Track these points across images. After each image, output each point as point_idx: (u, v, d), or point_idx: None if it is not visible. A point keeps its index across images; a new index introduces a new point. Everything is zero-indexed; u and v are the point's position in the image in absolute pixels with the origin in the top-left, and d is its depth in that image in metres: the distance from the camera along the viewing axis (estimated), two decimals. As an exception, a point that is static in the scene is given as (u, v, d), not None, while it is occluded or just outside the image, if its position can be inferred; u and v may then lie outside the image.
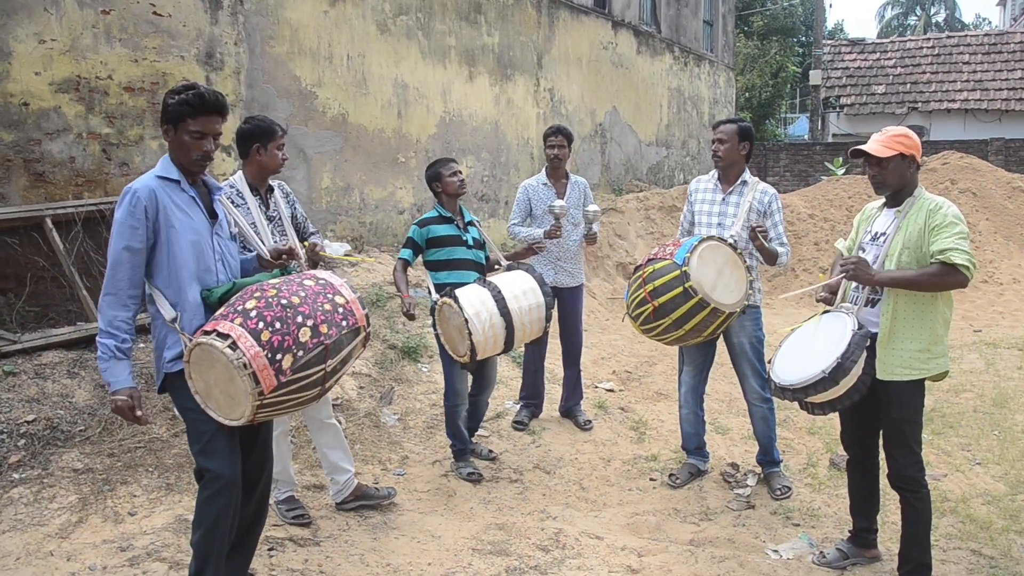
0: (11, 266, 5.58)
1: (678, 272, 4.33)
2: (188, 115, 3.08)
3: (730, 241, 4.60)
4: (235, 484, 3.14)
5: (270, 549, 3.97)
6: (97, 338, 3.01)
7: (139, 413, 3.01)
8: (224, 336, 2.83)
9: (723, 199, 4.92)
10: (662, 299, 4.37)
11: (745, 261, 4.61)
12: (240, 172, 4.27)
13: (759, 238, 4.57)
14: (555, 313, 6.01)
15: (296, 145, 7.82)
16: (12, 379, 4.91)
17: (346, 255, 7.94)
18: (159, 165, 3.16)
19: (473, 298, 4.57)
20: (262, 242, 4.05)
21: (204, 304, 3.11)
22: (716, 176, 5.01)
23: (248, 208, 4.15)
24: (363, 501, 4.52)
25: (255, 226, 4.13)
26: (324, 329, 2.96)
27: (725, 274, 4.46)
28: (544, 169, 5.99)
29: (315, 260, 4.32)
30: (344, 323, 3.05)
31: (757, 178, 5.01)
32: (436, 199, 5.12)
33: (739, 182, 4.91)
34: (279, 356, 2.85)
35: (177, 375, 3.07)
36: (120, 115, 6.35)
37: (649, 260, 4.56)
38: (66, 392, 4.97)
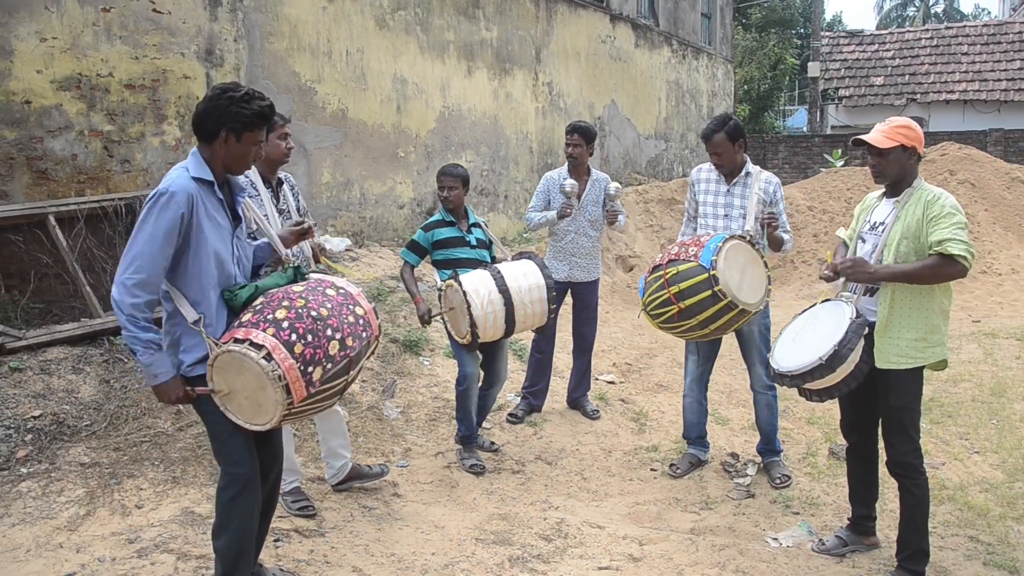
0: (15, 263, 5.62)
1: (706, 276, 4.24)
2: (258, 126, 3.05)
3: (748, 237, 4.58)
4: (256, 481, 3.19)
5: (276, 540, 4.01)
6: (136, 333, 2.92)
7: (189, 390, 3.04)
8: (258, 346, 2.86)
9: (727, 190, 4.93)
10: (688, 302, 4.29)
11: (763, 256, 4.59)
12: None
13: (772, 225, 4.63)
14: (569, 303, 6.08)
15: (296, 140, 7.82)
16: (18, 375, 4.95)
17: (347, 250, 7.98)
18: (192, 164, 3.05)
19: (473, 278, 4.74)
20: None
21: (227, 306, 3.10)
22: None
23: (261, 199, 4.22)
24: (358, 481, 4.63)
25: (267, 218, 4.19)
26: (350, 342, 3.04)
27: (748, 273, 4.42)
28: (567, 165, 5.99)
29: (317, 258, 4.42)
30: (364, 334, 3.13)
31: (759, 167, 5.02)
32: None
33: (743, 173, 4.92)
34: (311, 369, 2.92)
35: (196, 378, 3.06)
36: (121, 112, 6.38)
37: (671, 261, 4.44)
38: (71, 388, 5.01)
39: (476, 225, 5.23)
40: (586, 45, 12.83)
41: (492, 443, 5.46)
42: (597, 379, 6.77)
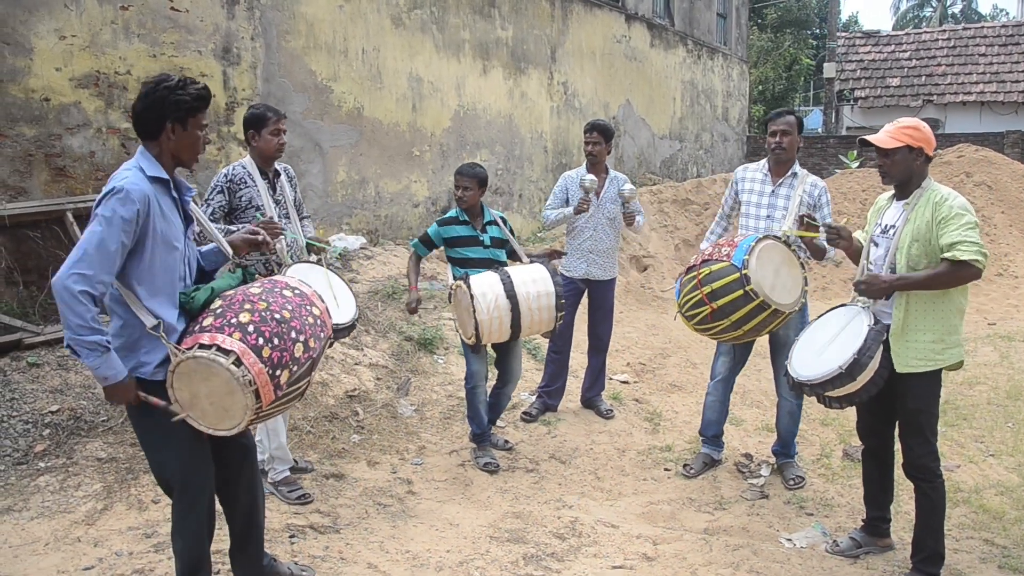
0: (33, 259, 5.67)
1: (737, 275, 4.21)
2: (200, 110, 3.00)
3: (784, 237, 4.52)
4: (211, 488, 3.17)
5: (291, 536, 4.04)
6: (80, 336, 2.73)
7: (140, 393, 2.90)
8: (226, 352, 2.84)
9: (772, 191, 4.88)
10: (721, 302, 4.26)
11: (800, 257, 4.53)
12: (249, 156, 4.49)
13: (810, 225, 4.33)
14: (585, 303, 6.09)
15: (312, 139, 7.89)
16: (36, 370, 5.00)
17: (361, 248, 8.01)
18: (144, 163, 2.95)
19: (482, 281, 4.76)
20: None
21: (183, 309, 3.00)
22: (766, 167, 4.96)
23: (258, 189, 4.36)
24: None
25: (262, 208, 4.34)
26: (312, 344, 3.06)
27: (782, 273, 4.36)
28: (585, 163, 6.01)
29: (313, 250, 4.53)
30: (322, 334, 3.15)
31: (806, 170, 4.96)
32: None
33: (789, 174, 4.87)
34: (278, 372, 2.92)
35: (155, 383, 2.94)
36: (139, 110, 6.42)
37: (704, 261, 4.43)
38: (89, 383, 5.05)
39: (492, 223, 5.20)
40: (601, 45, 12.82)
41: (506, 441, 5.47)
42: (611, 379, 6.76)
